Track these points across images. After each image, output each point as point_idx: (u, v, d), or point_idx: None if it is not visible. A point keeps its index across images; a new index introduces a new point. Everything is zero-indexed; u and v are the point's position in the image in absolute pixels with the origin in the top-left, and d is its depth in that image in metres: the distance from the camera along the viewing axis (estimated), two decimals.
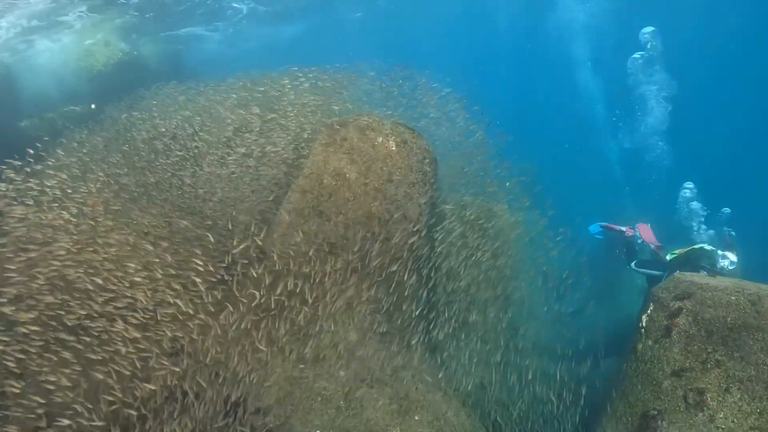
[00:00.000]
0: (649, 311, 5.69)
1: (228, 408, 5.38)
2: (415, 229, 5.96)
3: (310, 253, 5.71)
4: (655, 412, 5.24)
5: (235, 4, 19.41)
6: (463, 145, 7.97)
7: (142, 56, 15.82)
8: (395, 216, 5.89)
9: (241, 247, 5.64)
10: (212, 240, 5.55)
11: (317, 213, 5.92)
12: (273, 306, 5.52)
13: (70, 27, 15.38)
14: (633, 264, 10.00)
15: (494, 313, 7.81)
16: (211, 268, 5.24)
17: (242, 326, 5.29)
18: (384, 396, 5.65)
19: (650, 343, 5.55)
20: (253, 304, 5.46)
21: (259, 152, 6.78)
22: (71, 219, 5.12)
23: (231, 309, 5.17)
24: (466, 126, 7.75)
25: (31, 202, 5.28)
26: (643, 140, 18.24)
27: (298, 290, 5.59)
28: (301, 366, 5.62)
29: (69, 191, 5.62)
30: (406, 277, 5.89)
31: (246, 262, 5.73)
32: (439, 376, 6.38)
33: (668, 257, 9.28)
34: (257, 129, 7.09)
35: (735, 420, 4.77)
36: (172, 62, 17.23)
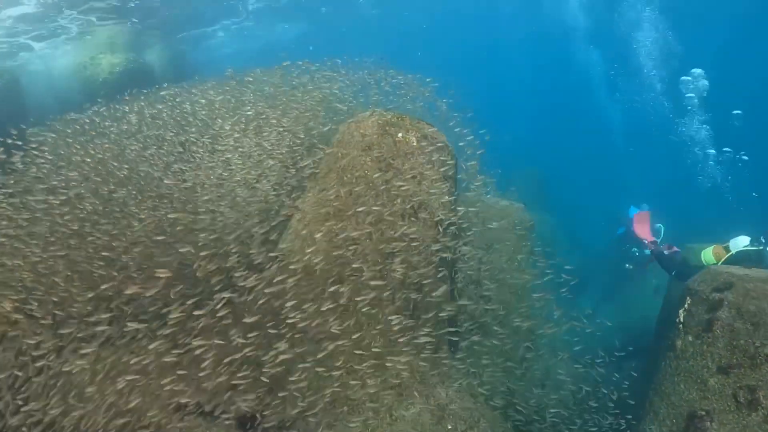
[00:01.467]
0: (686, 305, 5.46)
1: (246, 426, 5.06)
2: (439, 228, 5.70)
3: (332, 255, 5.41)
4: (703, 413, 4.98)
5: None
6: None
7: (147, 63, 15.62)
8: (419, 214, 5.64)
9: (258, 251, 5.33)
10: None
11: (336, 212, 5.65)
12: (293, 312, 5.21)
13: (76, 35, 15.20)
14: (674, 274, 8.45)
15: (516, 317, 7.55)
16: None
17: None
18: (414, 405, 5.34)
19: (690, 338, 5.31)
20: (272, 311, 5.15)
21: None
22: None
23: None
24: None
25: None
26: None
27: (320, 295, 5.29)
28: (325, 374, 5.29)
29: None
30: (432, 279, 5.61)
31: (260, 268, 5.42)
32: (465, 381, 6.09)
33: (707, 259, 8.01)
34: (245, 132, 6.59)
35: None
36: (177, 66, 17.07)
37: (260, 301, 4.98)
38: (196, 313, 4.59)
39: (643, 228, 10.23)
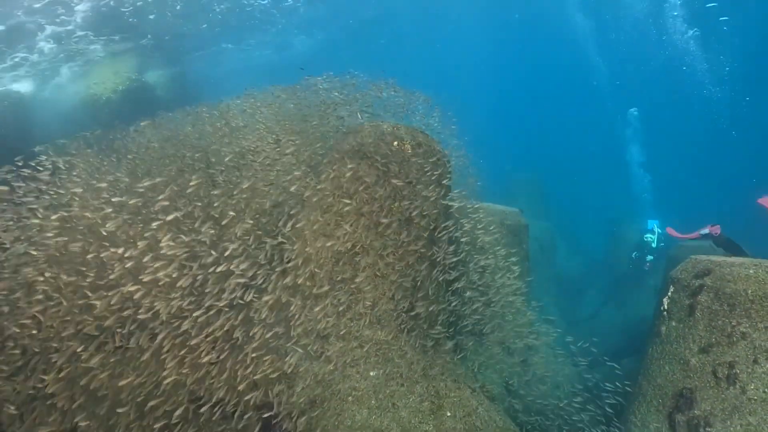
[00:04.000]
0: (669, 293, 5.80)
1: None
2: (434, 229, 6.09)
3: (335, 256, 5.81)
4: (687, 391, 5.29)
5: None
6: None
7: (149, 83, 16.20)
8: (415, 216, 6.04)
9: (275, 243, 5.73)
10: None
11: (338, 216, 6.05)
12: (299, 309, 5.59)
13: (91, 59, 15.79)
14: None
15: (512, 314, 7.87)
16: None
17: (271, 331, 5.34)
18: (415, 394, 5.66)
19: (674, 323, 5.64)
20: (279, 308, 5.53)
21: None
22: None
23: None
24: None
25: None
26: None
27: (325, 292, 5.67)
28: (330, 367, 5.64)
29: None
30: (429, 277, 5.98)
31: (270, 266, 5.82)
32: (464, 372, 6.40)
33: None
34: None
35: (766, 390, 4.83)
36: (178, 87, 17.58)
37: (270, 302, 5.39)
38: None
39: (683, 233, 10.86)
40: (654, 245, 12.73)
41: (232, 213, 5.52)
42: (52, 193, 5.36)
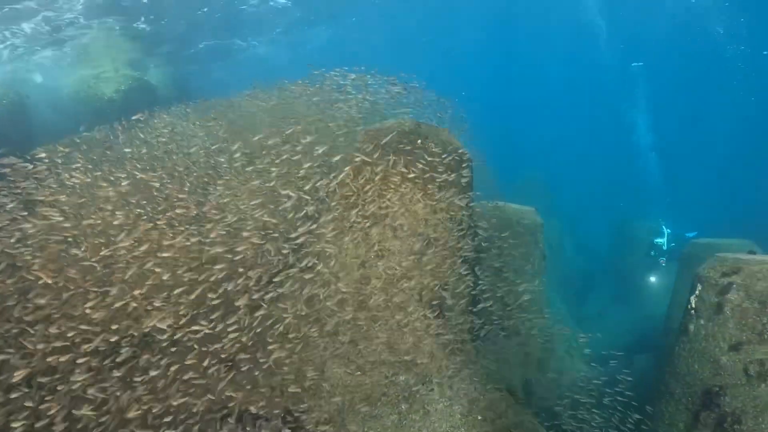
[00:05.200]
0: (697, 291, 5.80)
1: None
2: (461, 229, 6.01)
3: (361, 257, 5.68)
4: (717, 389, 5.30)
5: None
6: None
7: (150, 82, 15.85)
8: (439, 217, 5.94)
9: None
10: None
11: (361, 217, 5.92)
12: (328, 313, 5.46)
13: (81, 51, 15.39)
14: None
15: (530, 313, 7.84)
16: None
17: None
18: (445, 397, 5.59)
19: (702, 321, 5.64)
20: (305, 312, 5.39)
21: None
22: None
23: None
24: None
25: None
26: None
27: (352, 296, 5.55)
28: (359, 373, 5.53)
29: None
30: (456, 278, 5.90)
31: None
32: (490, 374, 6.35)
33: None
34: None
35: None
36: (180, 86, 17.29)
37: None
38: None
39: None
40: (665, 247, 12.92)
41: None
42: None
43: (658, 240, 13.01)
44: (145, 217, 5.03)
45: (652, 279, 12.97)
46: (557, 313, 10.41)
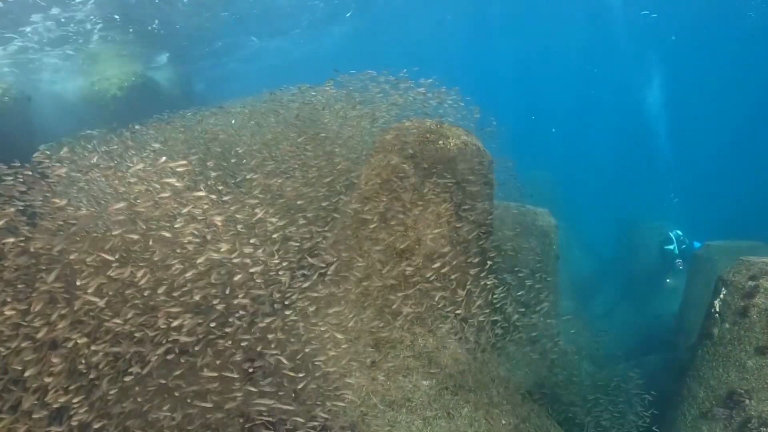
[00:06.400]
0: (721, 295, 5.76)
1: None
2: (483, 231, 5.92)
3: (381, 259, 5.58)
4: (742, 392, 5.28)
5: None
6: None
7: (154, 80, 15.58)
8: (463, 217, 5.85)
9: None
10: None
11: (381, 219, 5.82)
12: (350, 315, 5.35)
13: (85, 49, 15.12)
14: None
15: (543, 315, 7.79)
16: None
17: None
18: (469, 402, 5.52)
19: (727, 326, 5.61)
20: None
21: None
22: None
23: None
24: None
25: None
26: None
27: (372, 298, 5.45)
28: (382, 377, 5.44)
29: None
30: (478, 280, 5.82)
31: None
32: (512, 377, 6.29)
33: None
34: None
35: None
36: (184, 85, 17.08)
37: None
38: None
39: None
40: (676, 252, 12.98)
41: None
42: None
43: (668, 246, 13.07)
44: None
45: (664, 280, 13.04)
46: (567, 313, 10.41)
